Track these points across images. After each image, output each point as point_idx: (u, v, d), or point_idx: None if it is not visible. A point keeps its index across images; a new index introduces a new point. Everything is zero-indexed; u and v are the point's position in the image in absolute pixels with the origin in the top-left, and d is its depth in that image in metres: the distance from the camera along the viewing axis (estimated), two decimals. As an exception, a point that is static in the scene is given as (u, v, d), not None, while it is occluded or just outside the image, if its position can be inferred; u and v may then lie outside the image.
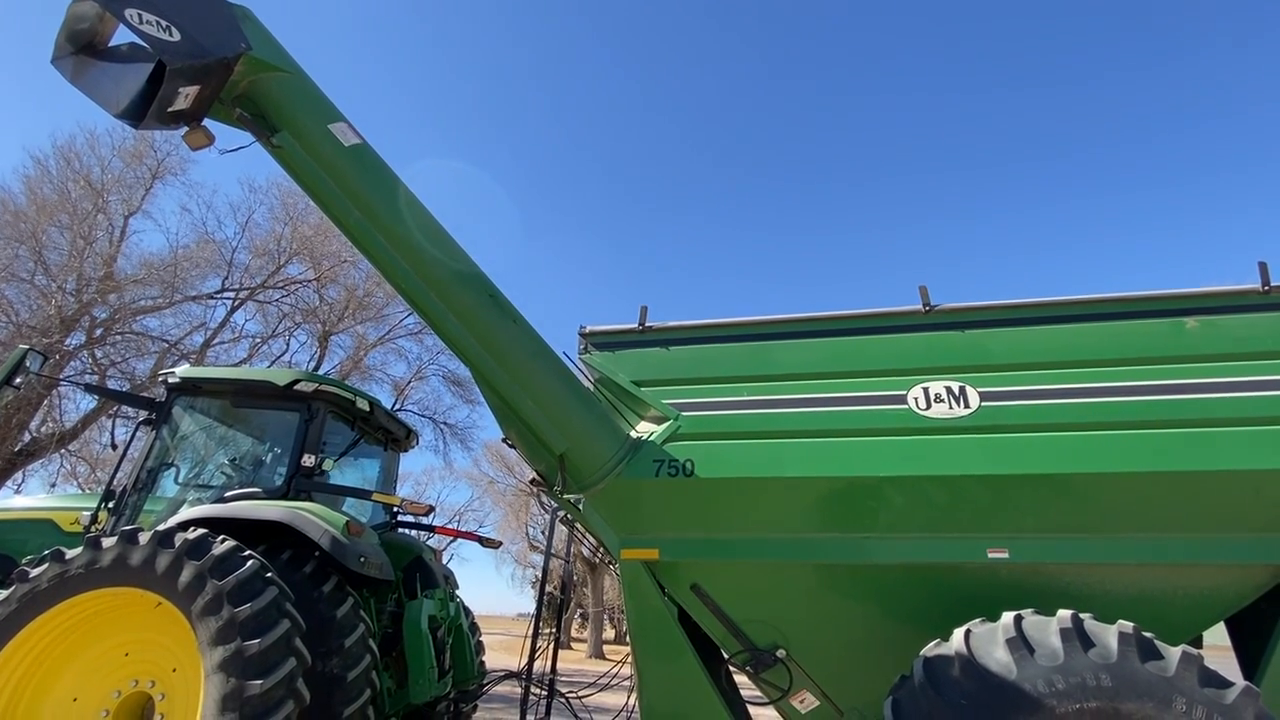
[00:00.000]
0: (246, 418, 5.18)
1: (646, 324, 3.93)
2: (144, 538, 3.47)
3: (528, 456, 3.87)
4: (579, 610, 34.54)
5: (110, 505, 4.65)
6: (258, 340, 18.68)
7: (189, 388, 4.95)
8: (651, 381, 3.77)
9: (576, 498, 3.69)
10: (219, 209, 25.06)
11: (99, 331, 15.32)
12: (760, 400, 3.57)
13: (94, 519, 4.63)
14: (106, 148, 15.76)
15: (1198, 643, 3.46)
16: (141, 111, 3.03)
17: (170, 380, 4.95)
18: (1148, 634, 2.58)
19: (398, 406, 20.17)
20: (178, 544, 3.42)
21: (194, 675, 3.27)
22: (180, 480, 4.89)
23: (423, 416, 21.32)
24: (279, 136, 3.30)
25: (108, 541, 3.50)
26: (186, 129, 3.16)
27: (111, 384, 14.84)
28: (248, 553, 3.55)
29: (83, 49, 3.15)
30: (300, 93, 3.40)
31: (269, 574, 3.51)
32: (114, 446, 7.65)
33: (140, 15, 2.81)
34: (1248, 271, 3.37)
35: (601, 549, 4.08)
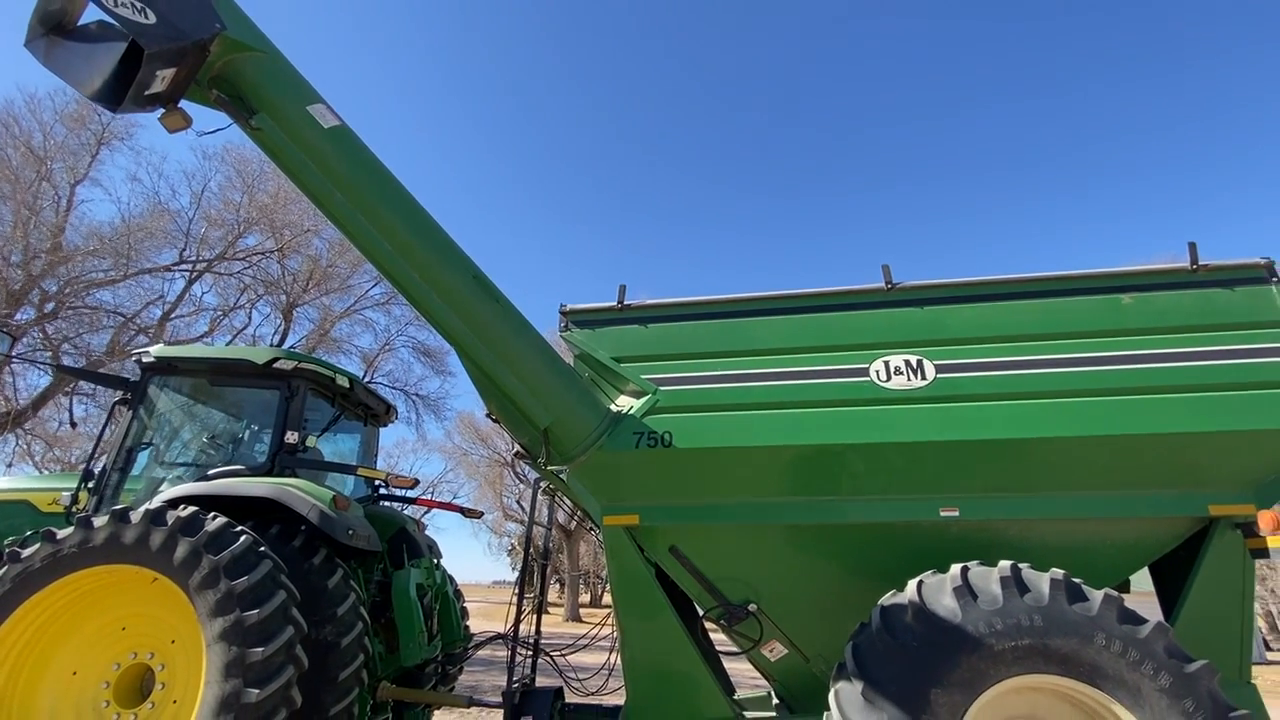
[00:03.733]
0: (224, 396, 5.19)
1: (625, 302, 4.07)
2: (135, 516, 3.54)
3: (511, 430, 4.02)
4: (555, 576, 35.14)
5: (90, 485, 4.67)
6: (218, 314, 18.24)
7: (164, 367, 4.93)
8: (630, 357, 3.93)
9: (560, 469, 3.86)
10: (171, 177, 24.08)
11: (50, 306, 14.75)
12: (733, 374, 3.77)
13: (74, 499, 4.65)
14: (48, 112, 15.00)
15: (1125, 587, 3.84)
16: (116, 94, 3.00)
17: (145, 359, 4.93)
18: (1076, 580, 2.90)
19: (367, 379, 19.98)
20: (170, 521, 3.51)
21: (194, 646, 3.39)
22: (161, 459, 4.91)
23: (393, 389, 21.20)
24: (257, 118, 3.29)
25: (99, 520, 3.56)
26: (163, 111, 3.13)
27: (66, 360, 14.36)
28: (239, 528, 3.64)
29: (52, 29, 3.08)
30: (277, 73, 3.38)
31: (262, 548, 3.62)
32: (73, 424, 7.55)
33: None
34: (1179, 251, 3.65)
35: (579, 516, 4.28)
